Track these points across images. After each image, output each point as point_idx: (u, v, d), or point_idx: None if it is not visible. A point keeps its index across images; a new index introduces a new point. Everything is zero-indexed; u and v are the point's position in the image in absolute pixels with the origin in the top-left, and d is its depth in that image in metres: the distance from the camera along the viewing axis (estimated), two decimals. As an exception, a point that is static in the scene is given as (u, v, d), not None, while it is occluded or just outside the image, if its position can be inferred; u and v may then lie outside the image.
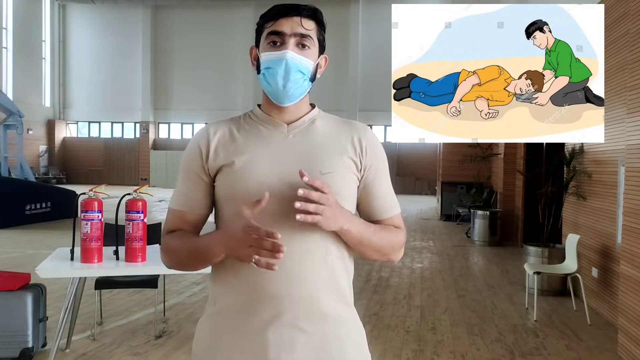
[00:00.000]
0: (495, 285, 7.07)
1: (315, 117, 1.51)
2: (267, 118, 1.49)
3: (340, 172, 1.44)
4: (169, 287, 6.11)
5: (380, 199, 1.52)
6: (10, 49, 25.10)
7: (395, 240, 1.51)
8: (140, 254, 3.62)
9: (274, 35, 1.42)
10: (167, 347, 4.48)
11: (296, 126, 1.48)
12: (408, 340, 4.78)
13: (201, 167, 1.46)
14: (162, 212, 14.95)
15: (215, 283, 1.48)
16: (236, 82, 26.76)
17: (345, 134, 1.49)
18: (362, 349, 1.51)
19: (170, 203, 1.52)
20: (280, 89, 1.42)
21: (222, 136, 1.47)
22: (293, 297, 1.38)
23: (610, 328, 5.17)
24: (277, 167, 1.41)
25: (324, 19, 1.49)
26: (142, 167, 27.32)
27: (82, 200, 3.58)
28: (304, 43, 1.43)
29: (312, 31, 1.44)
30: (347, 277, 1.49)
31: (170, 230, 1.50)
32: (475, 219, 10.78)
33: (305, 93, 1.48)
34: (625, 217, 4.52)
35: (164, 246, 1.50)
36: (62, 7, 28.21)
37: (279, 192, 1.36)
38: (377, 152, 1.51)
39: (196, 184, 1.47)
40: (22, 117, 16.68)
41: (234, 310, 1.42)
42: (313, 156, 1.44)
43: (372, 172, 1.49)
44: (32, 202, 12.18)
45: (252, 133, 1.48)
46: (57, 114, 28.37)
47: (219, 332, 1.45)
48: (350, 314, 1.49)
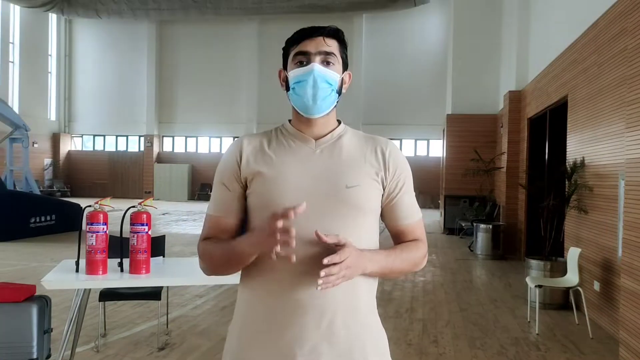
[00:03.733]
0: (497, 298, 7.07)
1: (342, 134, 1.60)
2: (296, 133, 1.58)
3: (365, 186, 1.51)
4: (172, 299, 6.14)
5: (403, 208, 1.59)
6: (16, 63, 25.35)
7: (417, 256, 1.60)
8: (144, 266, 3.66)
9: (301, 55, 1.52)
10: (170, 359, 4.50)
11: (324, 142, 1.57)
12: (410, 353, 4.80)
13: (235, 175, 1.55)
14: (166, 225, 14.99)
15: (243, 292, 1.56)
16: (240, 96, 26.90)
17: (370, 148, 1.58)
18: (385, 356, 1.58)
19: (207, 209, 1.60)
20: (310, 100, 1.50)
21: (254, 148, 1.56)
22: (318, 312, 1.44)
23: (612, 341, 5.17)
24: (304, 180, 1.49)
25: (344, 37, 1.59)
26: (146, 180, 27.42)
27: (87, 213, 3.63)
28: (329, 60, 1.53)
29: (335, 49, 1.54)
30: (372, 286, 1.57)
31: (207, 237, 1.57)
32: (478, 233, 10.79)
33: (333, 106, 1.56)
34: (625, 231, 4.55)
35: (200, 251, 1.57)
36: (68, 22, 28.52)
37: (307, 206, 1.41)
38: (400, 163, 1.59)
39: (231, 192, 1.55)
40: (27, 131, 16.79)
41: (260, 319, 1.49)
42: (339, 171, 1.51)
43: (395, 183, 1.57)
44: (36, 215, 12.25)
45: (282, 147, 1.56)
46: (62, 128, 28.56)
47: (247, 341, 1.51)
48: (374, 321, 1.57)
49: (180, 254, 10.10)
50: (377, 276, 1.54)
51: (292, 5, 23.90)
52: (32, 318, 3.98)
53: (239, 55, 26.59)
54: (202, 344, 4.89)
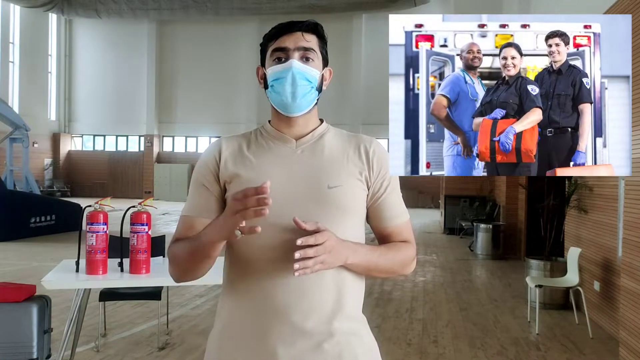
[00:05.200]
0: (497, 298, 7.07)
1: (323, 132, 1.54)
2: (276, 133, 1.52)
3: (348, 186, 1.45)
4: (173, 299, 6.15)
5: (389, 208, 1.52)
6: (16, 63, 25.34)
7: (404, 257, 1.52)
8: (144, 266, 3.66)
9: (279, 51, 1.46)
10: (170, 359, 4.50)
11: (304, 142, 1.51)
12: (410, 353, 4.80)
13: (213, 177, 1.49)
14: (166, 225, 14.98)
15: (225, 298, 1.49)
16: (240, 96, 26.91)
17: (353, 146, 1.52)
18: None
19: (183, 211, 1.53)
20: (289, 98, 1.44)
21: (233, 150, 1.51)
22: (303, 314, 1.38)
23: (612, 341, 5.17)
24: (285, 182, 1.42)
25: (324, 32, 1.52)
26: (146, 180, 27.42)
27: (88, 213, 3.63)
28: (308, 56, 1.46)
29: (314, 44, 1.48)
30: (359, 293, 1.50)
31: (178, 239, 1.50)
32: (478, 233, 10.79)
33: (313, 104, 1.50)
34: (625, 231, 4.55)
35: (169, 255, 1.51)
36: (69, 22, 28.52)
37: (287, 207, 1.37)
38: (384, 162, 1.52)
39: (208, 192, 1.49)
40: (28, 131, 16.78)
41: (243, 326, 1.42)
42: (321, 171, 1.46)
43: (380, 183, 1.51)
44: (37, 215, 12.25)
45: (262, 148, 1.50)
46: (62, 128, 28.56)
47: (228, 349, 1.44)
48: (363, 329, 1.49)
49: (180, 254, 10.09)
50: (362, 272, 1.46)
51: (292, 6, 23.92)
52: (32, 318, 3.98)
53: (238, 55, 26.58)
54: (202, 344, 4.89)
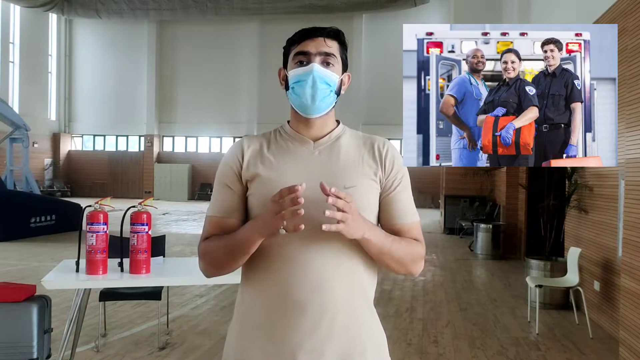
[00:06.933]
0: (497, 298, 7.07)
1: (340, 134, 1.61)
2: (295, 135, 1.59)
3: (362, 185, 1.52)
4: (173, 299, 6.14)
5: (399, 206, 1.57)
6: (17, 63, 25.34)
7: (414, 252, 1.56)
8: (144, 265, 3.66)
9: (301, 55, 1.53)
10: (171, 359, 4.50)
11: (322, 143, 1.58)
12: (410, 352, 4.80)
13: (236, 176, 1.56)
14: (166, 225, 14.99)
15: (243, 292, 1.56)
16: (240, 96, 26.90)
17: (368, 148, 1.59)
18: (383, 356, 1.58)
19: (208, 211, 1.59)
20: (309, 100, 1.51)
21: (254, 150, 1.58)
22: (319, 308, 1.45)
23: (612, 341, 5.17)
24: (303, 181, 1.45)
25: (345, 39, 1.60)
26: (147, 180, 27.41)
27: (88, 213, 3.63)
28: (329, 61, 1.54)
29: (335, 50, 1.55)
30: (371, 286, 1.58)
31: (207, 237, 1.56)
32: (478, 233, 10.79)
33: (331, 107, 1.57)
34: (625, 231, 4.55)
35: (200, 251, 1.56)
36: (69, 22, 28.51)
37: (305, 207, 1.39)
38: (397, 163, 1.59)
39: (232, 192, 1.55)
40: (28, 131, 16.78)
41: (260, 319, 1.49)
42: (337, 172, 1.52)
43: (391, 181, 1.57)
44: (37, 215, 12.25)
45: (281, 149, 1.57)
46: (62, 128, 28.56)
47: (247, 341, 1.51)
48: (373, 321, 1.57)
49: (180, 254, 10.11)
50: (375, 253, 1.49)
51: (293, 6, 23.91)
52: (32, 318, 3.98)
53: (239, 55, 26.58)
54: (202, 344, 4.89)
